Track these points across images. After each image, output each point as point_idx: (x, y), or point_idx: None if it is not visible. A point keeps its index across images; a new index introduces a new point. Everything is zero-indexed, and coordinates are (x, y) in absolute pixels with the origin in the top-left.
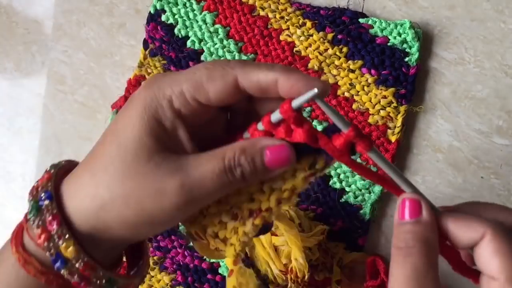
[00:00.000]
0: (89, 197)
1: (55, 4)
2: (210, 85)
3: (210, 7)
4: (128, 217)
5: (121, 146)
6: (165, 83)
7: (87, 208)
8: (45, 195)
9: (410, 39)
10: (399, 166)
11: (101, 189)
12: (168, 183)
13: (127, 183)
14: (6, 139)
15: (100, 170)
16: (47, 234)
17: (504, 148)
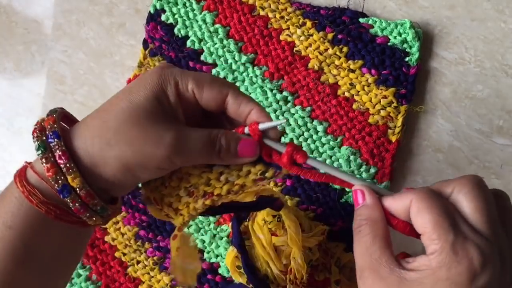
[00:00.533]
0: (97, 137)
1: (55, 4)
2: (208, 88)
3: (210, 6)
4: (126, 156)
5: (133, 102)
6: (177, 70)
7: (93, 145)
8: (53, 134)
9: (411, 39)
10: (399, 166)
11: (109, 132)
12: (166, 133)
13: (133, 129)
14: (6, 139)
15: (111, 118)
16: (56, 168)
17: (504, 148)
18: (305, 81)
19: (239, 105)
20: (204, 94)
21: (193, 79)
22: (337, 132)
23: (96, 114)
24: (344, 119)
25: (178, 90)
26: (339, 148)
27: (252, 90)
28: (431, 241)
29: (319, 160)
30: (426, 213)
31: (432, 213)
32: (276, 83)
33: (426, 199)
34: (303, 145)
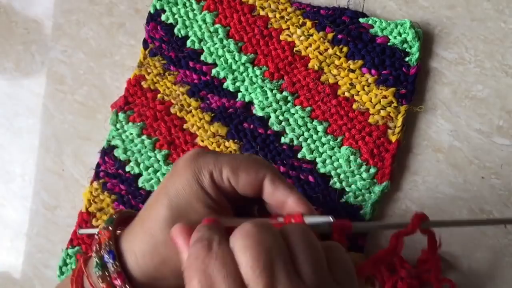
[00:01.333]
0: (149, 256)
1: (55, 4)
2: (243, 174)
3: (210, 6)
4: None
5: (174, 209)
6: (210, 158)
7: (147, 263)
8: (109, 255)
9: (411, 39)
10: (399, 166)
11: (160, 248)
12: None
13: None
14: (6, 139)
15: (157, 231)
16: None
17: (504, 148)
18: (305, 81)
19: (275, 191)
20: (240, 181)
21: (228, 166)
22: (337, 132)
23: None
24: (344, 119)
25: (214, 181)
26: (339, 148)
27: (252, 90)
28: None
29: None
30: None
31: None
32: (276, 83)
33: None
34: (303, 145)
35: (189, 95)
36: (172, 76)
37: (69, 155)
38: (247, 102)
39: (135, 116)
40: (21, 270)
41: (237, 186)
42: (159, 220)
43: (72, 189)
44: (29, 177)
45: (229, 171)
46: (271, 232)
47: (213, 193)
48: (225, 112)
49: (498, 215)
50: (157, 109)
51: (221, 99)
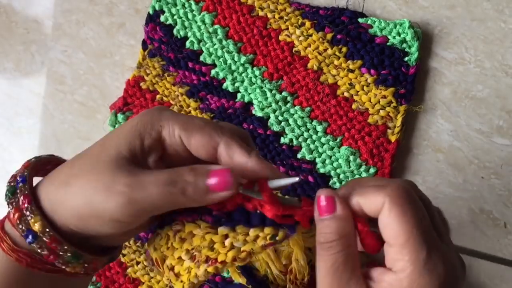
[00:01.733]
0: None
1: (55, 4)
2: (197, 134)
3: (209, 7)
4: (78, 204)
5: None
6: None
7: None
8: (20, 179)
9: (410, 39)
10: (399, 166)
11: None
12: (118, 182)
13: (90, 176)
14: (6, 139)
15: (78, 163)
16: (20, 212)
17: (504, 148)
18: (305, 81)
19: (231, 157)
20: (193, 141)
21: (182, 123)
22: (336, 132)
23: (72, 159)
24: (344, 119)
25: (160, 134)
26: (339, 148)
27: (251, 90)
28: (401, 256)
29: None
30: (400, 222)
31: (408, 224)
32: (275, 84)
33: (402, 204)
34: (303, 145)
35: (189, 95)
36: (171, 77)
37: (69, 155)
38: (246, 102)
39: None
40: None
41: (189, 146)
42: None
43: None
44: None
45: (183, 128)
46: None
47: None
48: (225, 113)
49: (498, 215)
50: None
51: (220, 99)
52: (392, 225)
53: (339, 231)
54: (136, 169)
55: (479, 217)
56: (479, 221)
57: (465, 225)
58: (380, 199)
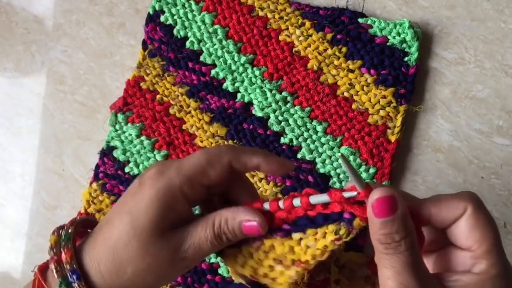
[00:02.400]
0: (115, 274)
1: (55, 4)
2: (211, 170)
3: (209, 7)
4: (149, 282)
5: (137, 230)
6: (173, 173)
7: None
8: (73, 274)
9: (410, 39)
10: (399, 166)
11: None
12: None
13: (147, 259)
14: (6, 139)
15: (122, 250)
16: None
17: (504, 148)
18: (305, 81)
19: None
20: (212, 177)
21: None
22: (336, 132)
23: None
24: (344, 119)
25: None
26: (339, 148)
27: (251, 90)
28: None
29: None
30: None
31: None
32: (275, 84)
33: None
34: (303, 145)
35: (189, 95)
36: (171, 77)
37: (69, 155)
38: (246, 102)
39: (134, 117)
40: (21, 270)
41: (210, 183)
42: (123, 239)
43: (72, 189)
44: (29, 177)
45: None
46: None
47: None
48: (225, 113)
49: (498, 215)
50: (156, 109)
51: (220, 99)
52: (479, 229)
53: (405, 229)
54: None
55: None
56: None
57: None
58: (461, 205)
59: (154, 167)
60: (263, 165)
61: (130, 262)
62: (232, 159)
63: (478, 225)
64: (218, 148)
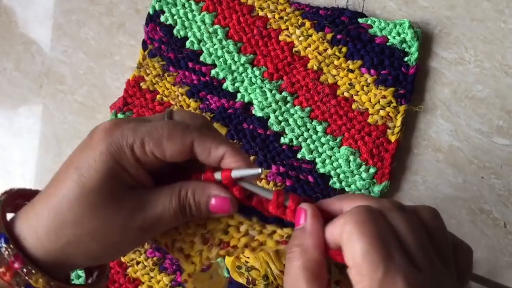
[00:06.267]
0: (54, 235)
1: (55, 4)
2: (169, 144)
3: (209, 7)
4: (93, 250)
5: (86, 187)
6: (128, 131)
7: (52, 243)
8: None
9: (409, 39)
10: (399, 166)
11: (67, 228)
12: (132, 221)
13: (94, 221)
14: (6, 139)
15: (66, 210)
16: (12, 271)
17: (504, 148)
18: (305, 81)
19: (209, 152)
20: (167, 152)
21: (149, 138)
22: (336, 132)
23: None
24: (344, 119)
25: (135, 156)
26: (339, 148)
27: (251, 90)
28: (359, 277)
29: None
30: (356, 241)
31: (363, 242)
32: (275, 84)
33: (359, 223)
34: (303, 145)
35: (189, 95)
36: (171, 77)
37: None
38: (246, 102)
39: (134, 117)
40: None
41: (164, 157)
42: (68, 197)
43: None
44: (29, 177)
45: (152, 143)
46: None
47: (133, 169)
48: (225, 113)
49: (497, 215)
50: (156, 110)
51: (220, 99)
52: (349, 248)
53: (300, 243)
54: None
55: (479, 217)
56: (479, 221)
57: (465, 225)
58: (341, 224)
59: (110, 121)
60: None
61: (73, 223)
62: (196, 141)
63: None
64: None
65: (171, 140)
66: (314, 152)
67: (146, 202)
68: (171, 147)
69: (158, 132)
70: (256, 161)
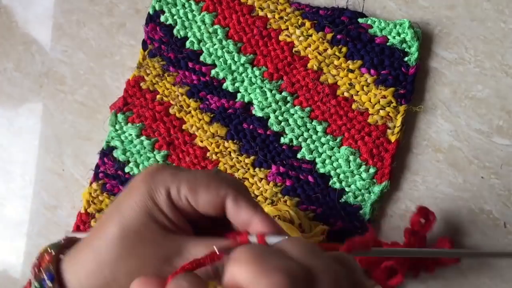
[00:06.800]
0: (93, 275)
1: (55, 4)
2: (203, 192)
3: (209, 7)
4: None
5: (125, 228)
6: (167, 176)
7: (90, 284)
8: (47, 276)
9: (410, 39)
10: (399, 166)
11: (105, 269)
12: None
13: (131, 262)
14: (6, 139)
15: (104, 250)
16: None
17: (504, 148)
18: (305, 81)
19: (238, 211)
20: (200, 200)
21: (186, 183)
22: (336, 132)
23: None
24: (344, 119)
25: (171, 199)
26: (339, 148)
27: (251, 90)
28: None
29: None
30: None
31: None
32: (275, 84)
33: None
34: (303, 145)
35: (189, 95)
36: (171, 77)
37: (69, 155)
38: (246, 102)
39: (134, 117)
40: (21, 270)
41: (197, 205)
42: (107, 238)
43: (72, 189)
44: (29, 177)
45: (187, 189)
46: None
47: (170, 212)
48: (225, 113)
49: (498, 215)
50: (156, 110)
51: (220, 99)
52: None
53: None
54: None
55: (479, 217)
56: (479, 221)
57: (465, 225)
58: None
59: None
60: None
61: (111, 263)
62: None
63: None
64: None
65: (206, 188)
66: (314, 152)
67: (184, 248)
68: (205, 195)
69: (196, 179)
70: (256, 161)
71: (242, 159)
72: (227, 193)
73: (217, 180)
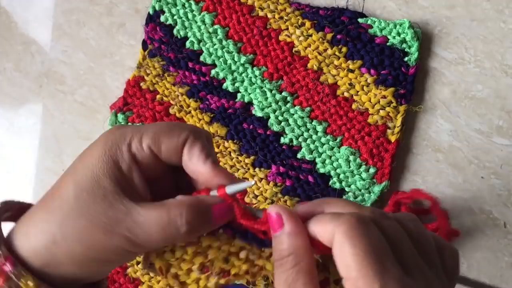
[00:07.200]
0: (42, 233)
1: (55, 4)
2: (165, 138)
3: (209, 7)
4: (77, 253)
5: (78, 185)
6: (128, 129)
7: (39, 243)
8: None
9: (409, 39)
10: (399, 166)
11: (54, 226)
12: (117, 225)
13: (80, 220)
14: (6, 139)
15: (55, 208)
16: (4, 275)
17: (504, 148)
18: (305, 81)
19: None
20: (163, 147)
21: (148, 133)
22: (336, 132)
23: (42, 203)
24: (344, 119)
25: (131, 152)
26: (339, 148)
27: (251, 90)
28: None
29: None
30: (349, 254)
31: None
32: (275, 84)
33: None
34: (303, 145)
35: (189, 95)
36: (171, 77)
37: (69, 155)
38: (246, 102)
39: (134, 117)
40: None
41: (159, 152)
42: (61, 198)
43: None
44: (29, 177)
45: (150, 137)
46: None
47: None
48: (225, 113)
49: (497, 215)
50: (156, 109)
51: (220, 99)
52: (342, 259)
53: (289, 248)
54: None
55: (479, 217)
56: (479, 221)
57: (465, 225)
58: (331, 230)
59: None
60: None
61: (62, 221)
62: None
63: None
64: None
65: (169, 134)
66: (314, 152)
67: (136, 210)
68: (167, 141)
69: (157, 127)
70: (256, 161)
71: (242, 159)
72: (187, 137)
73: (179, 126)
